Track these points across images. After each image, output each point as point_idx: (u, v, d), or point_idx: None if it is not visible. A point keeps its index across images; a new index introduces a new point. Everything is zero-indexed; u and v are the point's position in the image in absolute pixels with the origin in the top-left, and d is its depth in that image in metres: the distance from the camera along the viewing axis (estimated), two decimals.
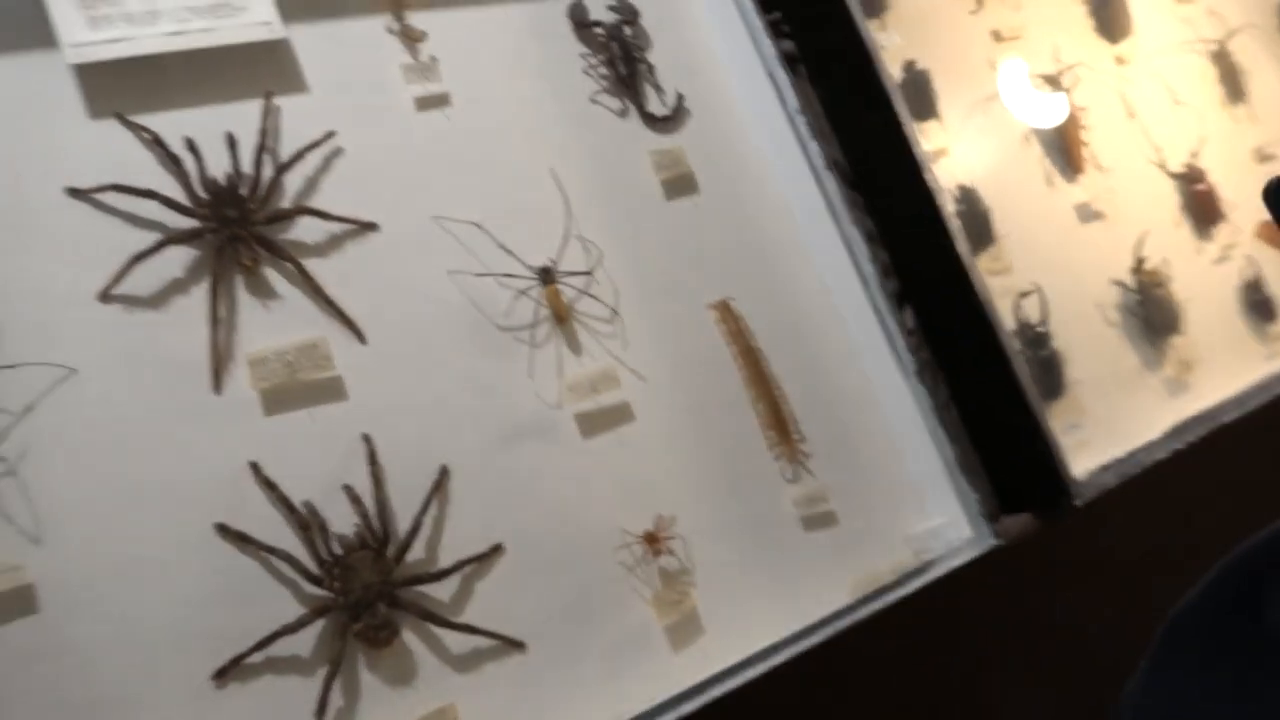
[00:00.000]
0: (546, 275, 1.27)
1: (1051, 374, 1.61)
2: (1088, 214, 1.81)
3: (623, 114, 1.42)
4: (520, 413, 1.22)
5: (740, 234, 1.45)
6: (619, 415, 1.28)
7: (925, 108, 1.64)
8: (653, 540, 1.22)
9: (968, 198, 1.64)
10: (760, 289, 1.43)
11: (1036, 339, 1.60)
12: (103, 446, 1.01)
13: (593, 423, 1.26)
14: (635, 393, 1.30)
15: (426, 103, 1.28)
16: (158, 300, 1.08)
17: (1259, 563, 0.52)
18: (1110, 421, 1.67)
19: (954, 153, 1.69)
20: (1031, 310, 1.64)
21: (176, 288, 1.09)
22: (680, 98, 1.45)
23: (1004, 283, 1.65)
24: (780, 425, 1.37)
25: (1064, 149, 1.82)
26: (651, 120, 1.43)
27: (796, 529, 1.35)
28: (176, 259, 1.10)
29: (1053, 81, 1.85)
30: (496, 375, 1.22)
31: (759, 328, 1.40)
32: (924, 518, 1.43)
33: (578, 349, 1.28)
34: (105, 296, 1.06)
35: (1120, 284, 1.79)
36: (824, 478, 1.39)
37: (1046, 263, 1.72)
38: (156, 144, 1.11)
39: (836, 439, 1.42)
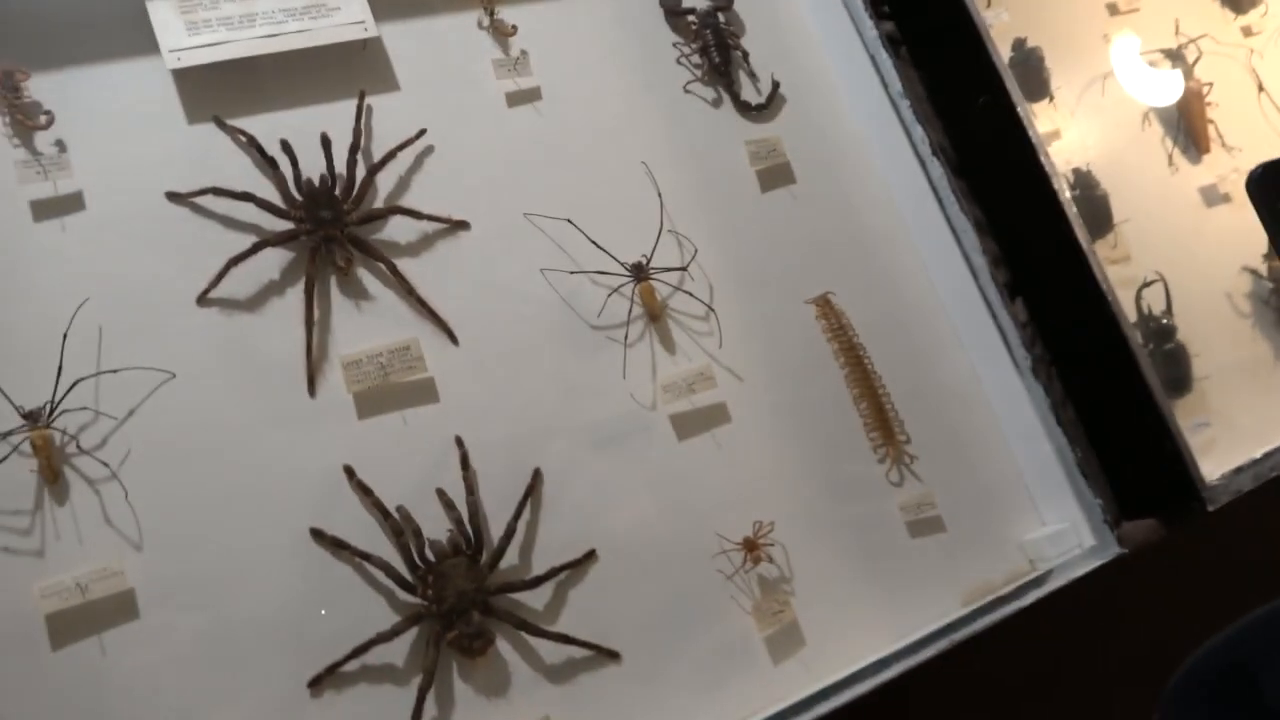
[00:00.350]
0: (640, 272, 1.23)
1: (1176, 369, 1.51)
2: (1214, 197, 1.69)
3: (716, 103, 1.37)
4: (614, 414, 1.19)
5: (840, 225, 1.39)
6: (715, 416, 1.24)
7: (1037, 88, 1.55)
8: (751, 546, 1.18)
9: (1083, 182, 1.54)
10: (862, 282, 1.37)
11: (1161, 332, 1.50)
12: (200, 450, 1.01)
13: (688, 424, 1.22)
14: (732, 392, 1.26)
15: (517, 98, 1.26)
16: (254, 303, 1.08)
17: (1249, 647, 0.47)
18: (1241, 420, 1.55)
19: (1067, 135, 1.59)
20: (1154, 301, 1.53)
21: (272, 290, 1.09)
22: (776, 84, 1.40)
23: (1122, 272, 1.55)
24: (884, 425, 1.31)
25: (1187, 128, 1.70)
26: (746, 109, 1.38)
27: (902, 535, 1.29)
28: (272, 261, 1.10)
29: (1174, 56, 1.73)
30: (590, 375, 1.19)
31: (861, 323, 1.34)
32: (1040, 524, 1.35)
33: (672, 348, 1.24)
34: (203, 300, 1.06)
35: (1252, 272, 1.67)
36: (931, 481, 1.32)
37: (1169, 250, 1.61)
38: (253, 147, 1.11)
39: (944, 440, 1.34)
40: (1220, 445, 1.51)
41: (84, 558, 0.95)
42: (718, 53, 1.37)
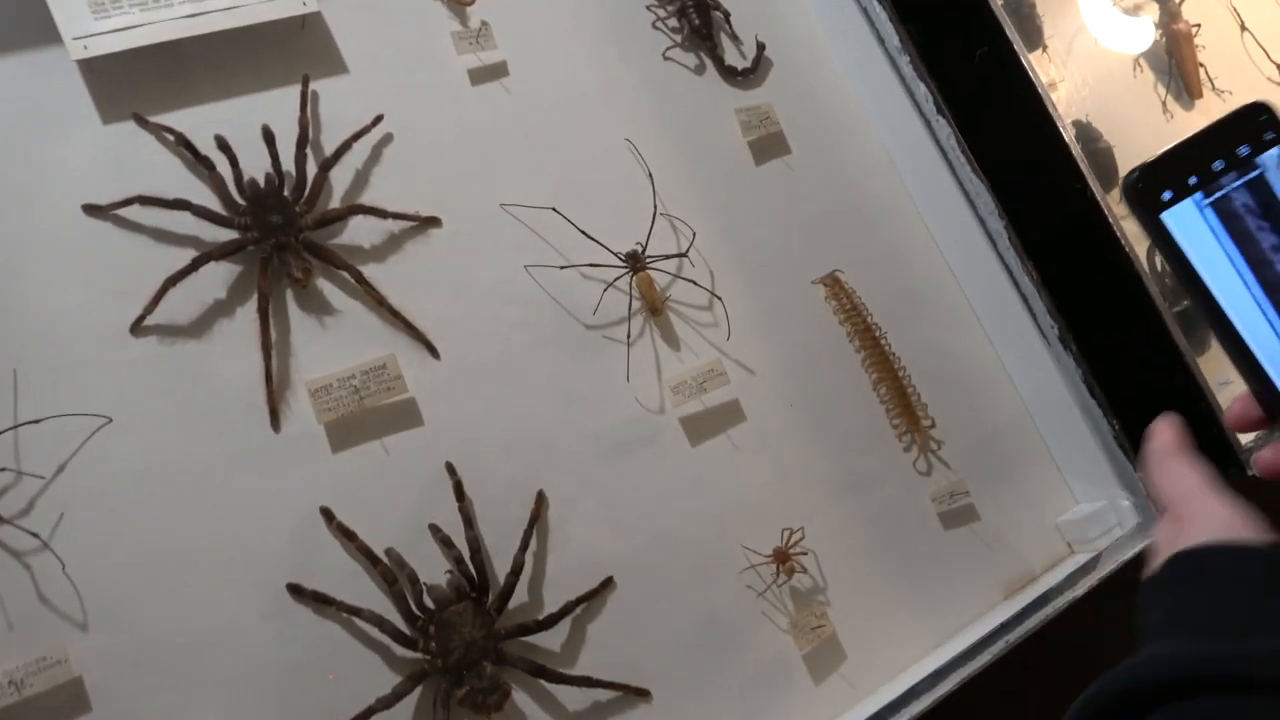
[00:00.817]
0: (636, 261, 1.10)
1: (1194, 328, 1.42)
2: None
3: (700, 70, 1.25)
4: (620, 421, 1.06)
5: (842, 195, 1.27)
6: (729, 415, 1.12)
7: (1030, 37, 1.45)
8: (783, 558, 1.06)
9: (1085, 135, 1.45)
10: (869, 256, 1.26)
11: (1179, 290, 1.41)
12: (148, 506, 0.86)
13: (701, 426, 1.10)
14: (744, 388, 1.14)
15: (482, 74, 1.12)
16: (199, 328, 0.93)
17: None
18: None
19: (1061, 86, 1.50)
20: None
21: (219, 311, 0.94)
22: (761, 46, 1.27)
23: (1131, 228, 1.46)
24: (907, 410, 1.20)
25: (1179, 73, 1.62)
26: (732, 74, 1.26)
27: (935, 527, 1.19)
28: (217, 277, 0.94)
29: None
30: (589, 380, 1.06)
31: (873, 301, 1.23)
32: (1073, 502, 1.26)
33: (676, 343, 1.12)
34: (138, 328, 0.91)
35: None
36: (960, 467, 1.22)
37: None
38: (183, 145, 0.96)
39: (970, 420, 1.24)
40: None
41: (17, 647, 0.79)
42: (696, 14, 1.24)
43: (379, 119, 1.04)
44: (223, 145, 0.96)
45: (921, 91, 1.23)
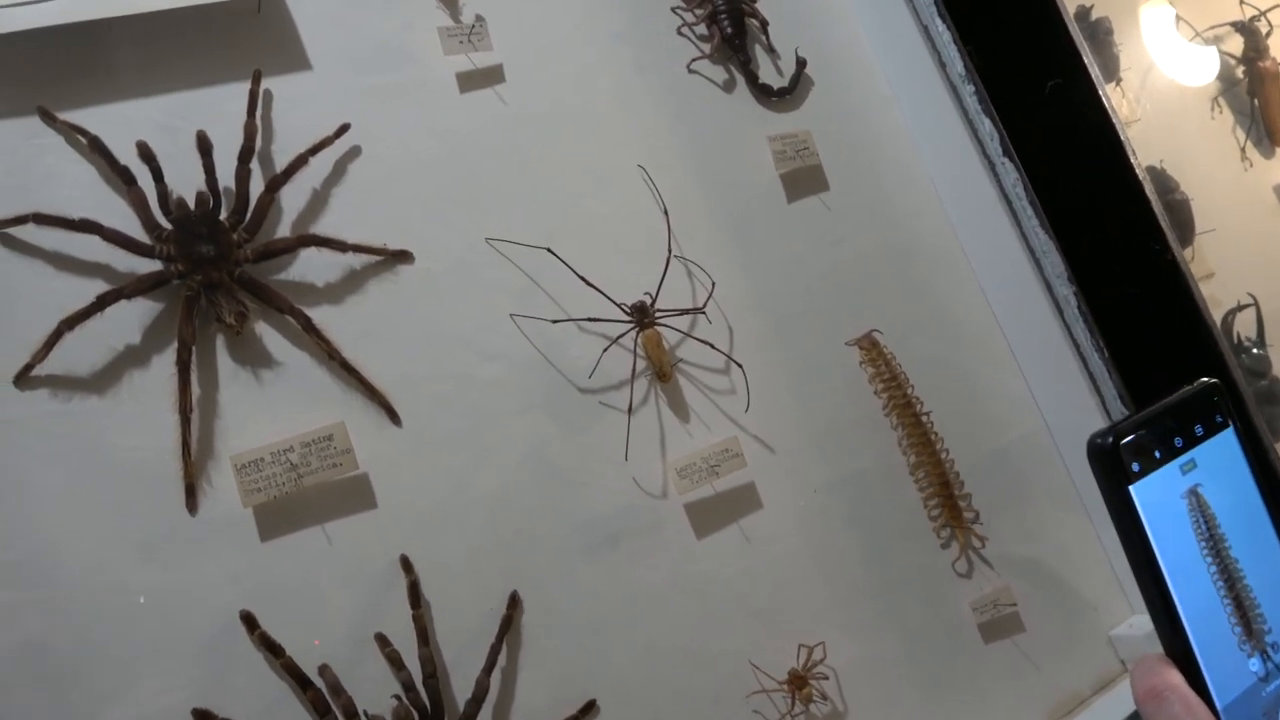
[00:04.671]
0: (643, 315, 0.93)
1: (1272, 411, 1.26)
2: None
3: (729, 87, 1.07)
4: (614, 508, 0.89)
5: (885, 243, 1.10)
6: (743, 502, 0.95)
7: (1107, 66, 1.28)
8: (800, 683, 0.89)
9: (1160, 184, 1.28)
10: (916, 317, 1.09)
11: (1255, 365, 1.25)
12: (29, 603, 0.69)
13: (709, 515, 0.93)
14: (762, 469, 0.96)
15: (472, 80, 0.94)
16: (102, 381, 0.75)
17: None
18: None
19: (1134, 126, 1.33)
20: (1244, 326, 1.28)
21: (130, 361, 0.76)
22: (801, 62, 1.10)
23: (1207, 292, 1.29)
24: (948, 500, 1.03)
25: (1261, 115, 1.45)
26: (765, 94, 1.08)
27: (975, 640, 1.02)
28: (129, 318, 0.77)
29: (1244, 30, 1.47)
30: (581, 457, 0.89)
31: (915, 369, 1.05)
32: (1132, 613, 1.09)
33: (685, 414, 0.94)
34: (24, 379, 0.73)
35: None
36: (1004, 568, 1.05)
37: (1247, 262, 1.36)
38: (98, 151, 0.77)
39: (1020, 516, 1.08)
40: None
41: None
42: (729, 22, 1.06)
43: (344, 128, 0.86)
44: (145, 154, 0.77)
45: (986, 128, 1.06)
